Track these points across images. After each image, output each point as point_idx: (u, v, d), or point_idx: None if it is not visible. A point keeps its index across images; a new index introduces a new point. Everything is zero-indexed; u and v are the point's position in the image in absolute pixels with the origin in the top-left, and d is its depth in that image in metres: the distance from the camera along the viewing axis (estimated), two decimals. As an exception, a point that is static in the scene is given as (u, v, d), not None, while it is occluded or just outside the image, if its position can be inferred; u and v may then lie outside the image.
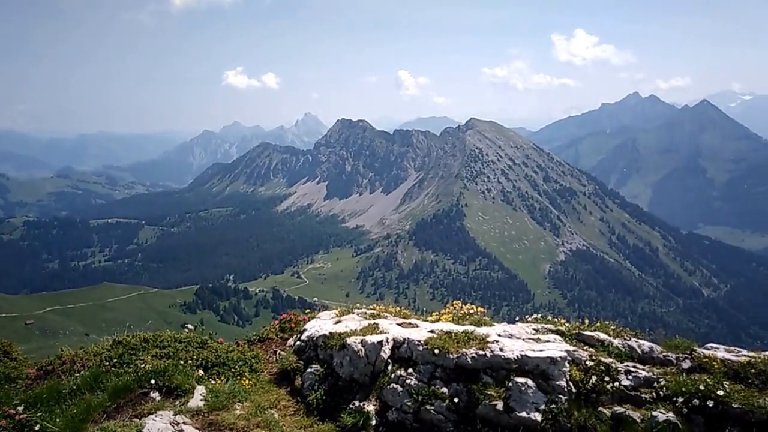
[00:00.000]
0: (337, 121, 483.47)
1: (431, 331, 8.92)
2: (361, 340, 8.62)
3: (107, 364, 9.16)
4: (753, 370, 7.74)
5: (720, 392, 7.30)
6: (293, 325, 11.38)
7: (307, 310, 11.78)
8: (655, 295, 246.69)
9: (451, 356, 8.17)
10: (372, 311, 10.56)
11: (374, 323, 9.39)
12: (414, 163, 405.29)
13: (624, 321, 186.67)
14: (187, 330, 11.64)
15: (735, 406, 7.21)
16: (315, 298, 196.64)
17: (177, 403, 7.85)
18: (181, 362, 9.22)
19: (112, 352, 9.52)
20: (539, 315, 10.28)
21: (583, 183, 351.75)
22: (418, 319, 10.44)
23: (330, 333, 9.19)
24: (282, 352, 10.36)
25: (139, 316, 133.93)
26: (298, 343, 9.88)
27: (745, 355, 8.30)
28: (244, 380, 9.23)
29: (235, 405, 7.96)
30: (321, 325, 9.79)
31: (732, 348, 8.86)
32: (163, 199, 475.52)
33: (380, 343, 8.54)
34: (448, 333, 8.72)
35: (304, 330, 9.90)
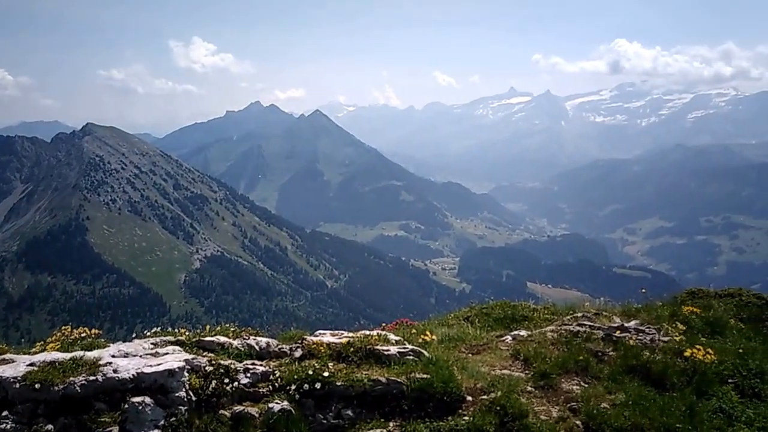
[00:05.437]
0: None
1: (31, 365, 7.85)
2: (-67, 391, 7.09)
3: None
4: (352, 349, 8.82)
5: (326, 374, 8.06)
6: None
7: None
8: (287, 291, 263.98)
9: (56, 388, 7.32)
10: (-49, 353, 8.79)
11: (-47, 367, 7.83)
12: (20, 174, 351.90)
13: (260, 320, 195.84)
14: None
15: (338, 384, 8.05)
16: None
17: None
18: None
19: None
20: (159, 329, 9.95)
21: (214, 189, 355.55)
22: (17, 353, 9.12)
23: None
24: None
25: None
26: None
27: (346, 337, 9.39)
28: None
29: None
30: None
31: (336, 331, 9.96)
32: None
33: (-40, 389, 7.16)
34: (52, 363, 7.78)
35: None
